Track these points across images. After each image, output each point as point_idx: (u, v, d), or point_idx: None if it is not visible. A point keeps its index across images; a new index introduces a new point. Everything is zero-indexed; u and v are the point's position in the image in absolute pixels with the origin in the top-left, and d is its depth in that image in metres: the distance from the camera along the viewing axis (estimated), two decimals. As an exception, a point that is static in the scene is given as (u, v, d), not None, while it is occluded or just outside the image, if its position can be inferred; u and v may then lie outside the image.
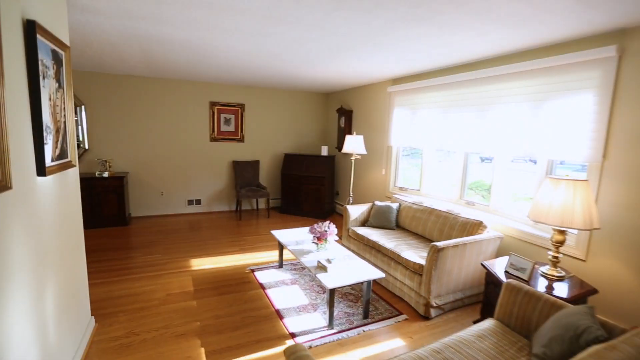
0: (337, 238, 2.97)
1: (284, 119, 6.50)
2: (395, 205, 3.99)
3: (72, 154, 2.01)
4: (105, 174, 4.98)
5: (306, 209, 6.01)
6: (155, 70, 4.73)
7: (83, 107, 5.04)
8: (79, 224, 2.22)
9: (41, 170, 1.55)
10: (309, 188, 5.94)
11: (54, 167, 1.71)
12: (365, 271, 2.66)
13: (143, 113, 5.41)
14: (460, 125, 3.70)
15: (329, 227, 2.95)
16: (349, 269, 2.66)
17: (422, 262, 2.79)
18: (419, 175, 4.56)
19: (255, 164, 6.19)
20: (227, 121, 5.98)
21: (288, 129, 6.57)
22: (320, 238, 2.91)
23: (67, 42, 2.02)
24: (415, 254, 3.00)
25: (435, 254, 2.61)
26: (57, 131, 1.79)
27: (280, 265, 3.65)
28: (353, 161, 4.85)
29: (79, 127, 5.07)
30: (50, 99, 1.69)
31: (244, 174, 6.05)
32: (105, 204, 4.96)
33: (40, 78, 1.55)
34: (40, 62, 1.55)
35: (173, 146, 5.67)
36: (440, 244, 2.63)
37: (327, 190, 5.95)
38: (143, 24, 2.67)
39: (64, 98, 1.90)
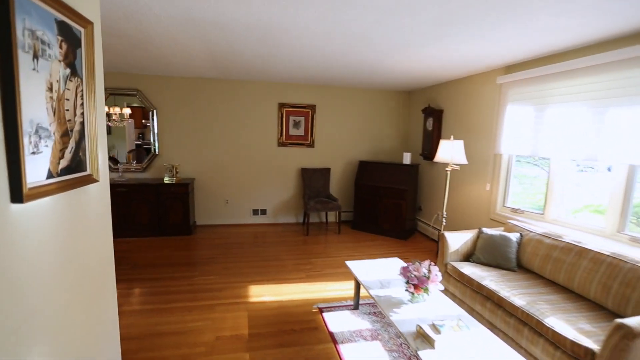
0: (442, 287, 2.08)
1: (359, 122, 5.72)
2: (514, 237, 2.91)
3: (94, 166, 1.50)
4: (172, 180, 4.78)
5: (383, 226, 5.13)
6: (222, 69, 4.36)
7: (155, 111, 4.93)
8: (105, 257, 1.70)
9: (17, 193, 1.01)
10: (388, 202, 5.05)
11: (53, 186, 1.18)
12: (502, 356, 1.71)
13: (210, 117, 5.13)
14: (624, 124, 2.50)
15: (429, 271, 2.07)
16: (471, 346, 1.74)
17: (591, 344, 1.74)
18: (532, 192, 3.37)
19: (325, 172, 5.53)
20: (296, 124, 5.43)
21: (363, 133, 5.78)
22: (417, 286, 2.05)
23: (94, 18, 1.51)
24: (570, 324, 1.94)
25: (627, 341, 1.55)
26: (66, 135, 1.27)
27: (356, 307, 2.86)
28: (449, 173, 3.84)
29: (151, 131, 4.97)
30: (51, 89, 1.17)
31: (312, 183, 5.42)
32: (171, 211, 4.74)
33: (28, 55, 1.02)
34: (26, 32, 1.01)
35: (239, 151, 5.30)
36: (635, 324, 1.57)
37: (409, 205, 4.99)
38: (197, 2, 2.15)
39: (82, 91, 1.39)
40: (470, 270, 2.75)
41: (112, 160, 4.94)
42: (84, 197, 1.46)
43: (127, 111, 4.70)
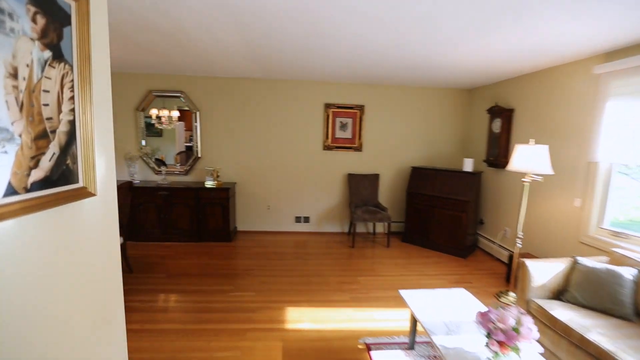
0: (540, 349, 1.51)
1: (412, 124, 5.14)
2: (627, 273, 2.19)
3: (90, 176, 1.20)
4: (213, 184, 4.62)
5: (438, 240, 4.50)
6: (263, 67, 4.08)
7: (198, 113, 4.82)
8: (110, 288, 1.38)
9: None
10: (444, 214, 4.42)
11: (15, 206, 0.88)
12: None
13: (252, 119, 4.91)
14: None
15: (522, 325, 1.52)
16: None
17: None
18: (626, 208, 2.57)
19: (374, 179, 5.03)
20: (343, 126, 5.01)
21: (417, 136, 5.19)
22: (503, 343, 1.51)
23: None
24: None
25: None
26: (43, 137, 0.98)
27: (412, 346, 2.35)
28: (526, 185, 3.15)
29: (194, 134, 4.87)
30: (15, 75, 0.87)
31: (360, 190, 4.96)
32: (211, 216, 4.58)
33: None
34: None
35: (283, 155, 5.01)
36: None
37: (470, 218, 4.32)
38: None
39: (71, 82, 1.10)
40: (565, 314, 2.11)
41: (160, 162, 4.90)
42: (76, 216, 1.16)
43: (175, 114, 4.63)
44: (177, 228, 4.57)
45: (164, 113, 4.62)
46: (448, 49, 3.04)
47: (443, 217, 4.44)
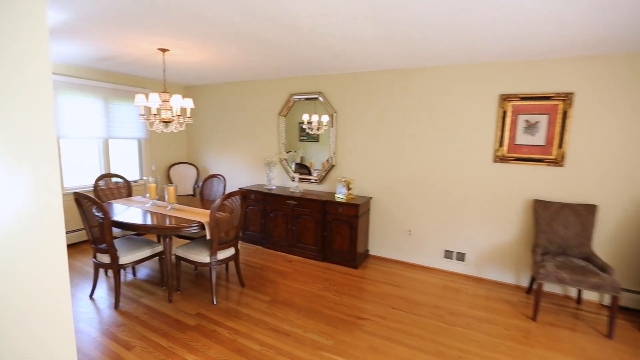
0: None
1: (681, 120, 2.86)
2: None
3: None
4: (343, 198, 3.92)
5: None
6: (406, 50, 3.03)
7: (335, 115, 4.25)
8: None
9: None
10: None
11: None
12: None
13: (395, 121, 3.91)
14: None
15: None
16: None
17: None
18: None
19: (585, 213, 3.08)
20: (530, 127, 3.31)
21: (690, 142, 2.86)
22: None
23: None
24: None
25: None
26: None
27: None
28: None
29: (329, 139, 4.33)
30: None
31: (556, 228, 3.13)
32: (337, 234, 3.90)
33: None
34: None
35: (432, 167, 3.78)
36: None
37: None
38: None
39: None
40: None
41: (305, 169, 4.63)
42: None
43: (325, 118, 4.24)
44: (302, 242, 4.14)
45: (314, 118, 4.30)
46: None
47: None
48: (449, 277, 3.68)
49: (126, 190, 3.94)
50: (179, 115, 3.28)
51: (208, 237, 2.88)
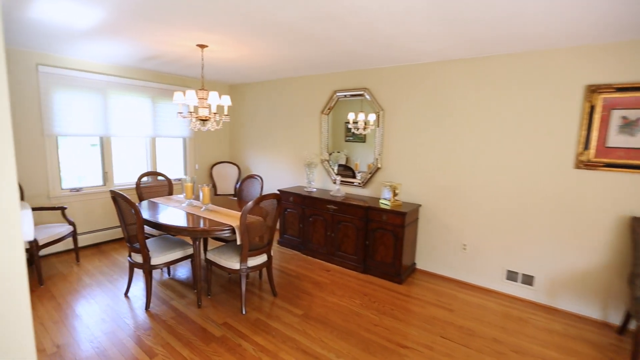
0: None
1: None
2: None
3: None
4: (388, 204, 3.53)
5: None
6: (468, 36, 2.57)
7: (382, 113, 3.87)
8: None
9: None
10: None
11: None
12: None
13: (449, 118, 3.42)
14: None
15: None
16: None
17: None
18: None
19: None
20: (628, 125, 2.64)
21: None
22: None
23: None
24: None
25: None
26: None
27: None
28: None
29: (375, 139, 3.95)
30: None
31: (660, 254, 2.44)
32: (380, 245, 3.52)
33: None
34: None
35: (496, 172, 3.24)
36: None
37: None
38: None
39: None
40: None
41: (349, 170, 4.32)
42: None
43: (372, 117, 3.90)
44: (341, 251, 3.82)
45: (361, 117, 3.98)
46: None
47: None
48: (513, 303, 3.11)
49: (167, 188, 3.96)
50: (215, 113, 3.17)
51: (238, 242, 2.70)
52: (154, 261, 2.77)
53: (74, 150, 4.06)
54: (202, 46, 3.10)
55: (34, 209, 3.52)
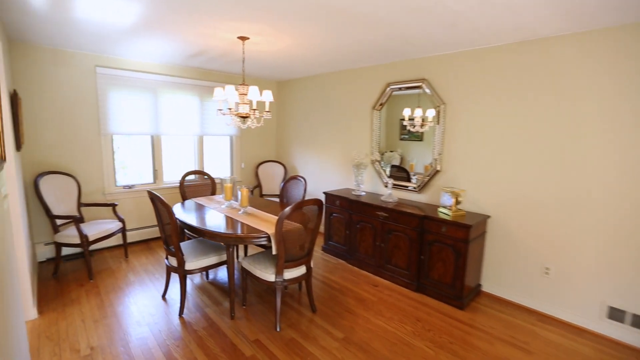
0: None
1: None
2: None
3: None
4: (448, 214, 3.01)
5: None
6: (567, 5, 1.97)
7: (443, 107, 3.34)
8: None
9: None
10: None
11: None
12: None
13: (529, 110, 2.77)
14: None
15: None
16: None
17: None
18: None
19: None
20: None
21: None
22: None
23: None
24: None
25: None
26: None
27: None
28: None
29: (434, 137, 3.43)
30: None
31: None
32: (437, 260, 3.02)
33: None
34: None
35: (593, 178, 2.54)
36: None
37: None
38: None
39: None
40: None
41: (403, 172, 3.85)
42: None
43: (430, 113, 3.42)
44: (392, 264, 3.38)
45: (417, 113, 3.51)
46: None
47: None
48: (616, 349, 2.41)
49: (210, 187, 3.87)
50: (254, 110, 2.95)
51: (274, 252, 2.44)
52: (188, 266, 2.63)
53: (127, 148, 4.18)
54: (242, 38, 2.90)
55: (88, 205, 3.66)
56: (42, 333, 2.43)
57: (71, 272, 3.41)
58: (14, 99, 2.65)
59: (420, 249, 3.14)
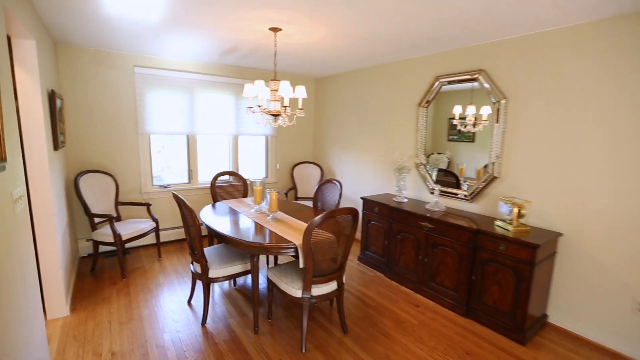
0: None
1: None
2: None
3: None
4: (508, 229, 2.54)
5: None
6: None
7: (504, 103, 2.85)
8: None
9: None
10: None
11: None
12: None
13: (620, 106, 2.22)
14: None
15: None
16: None
17: None
18: None
19: None
20: None
21: None
22: None
23: None
24: None
25: None
26: None
27: None
28: None
29: (491, 138, 2.95)
30: None
31: None
32: (493, 283, 2.56)
33: None
34: None
35: None
36: None
37: None
38: None
39: None
40: None
41: (452, 176, 3.41)
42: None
43: (485, 110, 2.97)
44: (436, 282, 2.97)
45: (470, 110, 3.08)
46: None
47: None
48: None
49: (242, 189, 3.73)
50: (285, 107, 2.72)
51: (301, 265, 2.18)
52: (212, 273, 2.47)
53: (164, 147, 4.19)
54: (275, 30, 2.68)
55: (123, 204, 3.70)
56: (70, 332, 2.41)
57: (107, 269, 3.45)
58: (52, 98, 2.68)
59: (471, 268, 2.70)
